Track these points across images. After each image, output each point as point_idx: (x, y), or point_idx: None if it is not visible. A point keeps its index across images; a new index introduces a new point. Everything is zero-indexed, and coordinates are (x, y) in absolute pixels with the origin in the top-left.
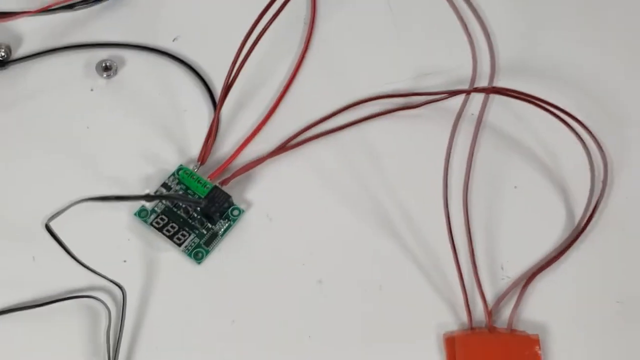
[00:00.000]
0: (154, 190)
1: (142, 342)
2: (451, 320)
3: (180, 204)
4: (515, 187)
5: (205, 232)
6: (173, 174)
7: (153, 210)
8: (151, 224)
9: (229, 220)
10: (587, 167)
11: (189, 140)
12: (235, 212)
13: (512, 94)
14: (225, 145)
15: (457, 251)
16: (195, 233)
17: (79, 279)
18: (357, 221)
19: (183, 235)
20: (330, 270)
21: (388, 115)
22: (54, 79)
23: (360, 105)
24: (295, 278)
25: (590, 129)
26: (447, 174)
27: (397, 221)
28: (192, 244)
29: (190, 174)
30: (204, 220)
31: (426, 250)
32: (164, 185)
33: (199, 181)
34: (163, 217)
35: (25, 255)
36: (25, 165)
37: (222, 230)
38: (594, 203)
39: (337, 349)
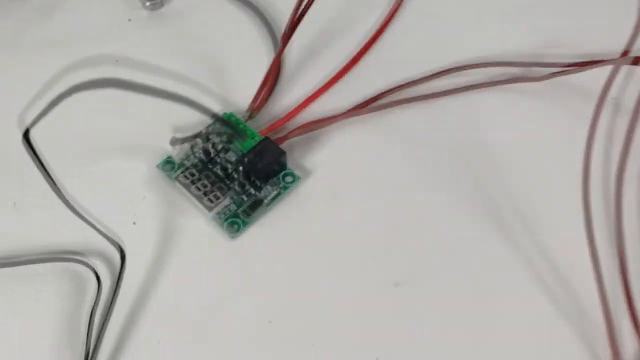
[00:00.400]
0: (186, 142)
1: (140, 331)
2: None
3: (217, 160)
4: None
5: (246, 199)
6: (213, 122)
7: (181, 164)
8: (177, 179)
9: (278, 187)
10: None
11: (240, 89)
12: (289, 179)
13: None
14: (286, 99)
15: (600, 265)
16: (232, 198)
17: (68, 236)
18: (452, 211)
19: (216, 197)
20: (411, 272)
21: (499, 87)
22: (88, 2)
23: (465, 71)
24: (362, 277)
25: None
26: (588, 167)
27: (507, 217)
28: (227, 212)
29: (237, 122)
30: (246, 184)
31: (550, 259)
32: (200, 135)
33: (245, 132)
34: (193, 172)
35: (5, 200)
36: None
37: (269, 199)
38: None
39: None
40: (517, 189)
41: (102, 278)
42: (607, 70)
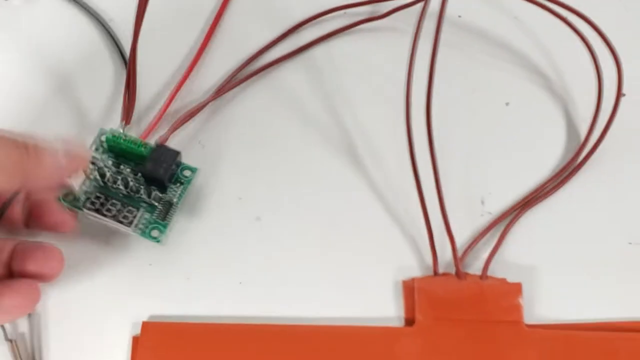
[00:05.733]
0: None
1: None
2: (414, 265)
3: (117, 177)
4: (507, 104)
5: (156, 204)
6: (94, 142)
7: (83, 192)
8: (84, 208)
9: (181, 183)
10: (595, 80)
11: (107, 102)
12: (187, 172)
13: None
14: (151, 99)
15: (422, 181)
16: (143, 207)
17: None
18: (311, 149)
19: (130, 212)
20: (272, 207)
21: (349, 31)
22: None
23: (308, 24)
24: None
25: (602, 30)
26: (409, 88)
27: (359, 150)
28: (144, 222)
29: (119, 137)
30: (152, 190)
31: (390, 181)
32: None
33: (134, 143)
34: (98, 195)
35: None
36: None
37: (177, 196)
38: (604, 124)
39: (271, 295)
40: (365, 117)
41: None
42: None
